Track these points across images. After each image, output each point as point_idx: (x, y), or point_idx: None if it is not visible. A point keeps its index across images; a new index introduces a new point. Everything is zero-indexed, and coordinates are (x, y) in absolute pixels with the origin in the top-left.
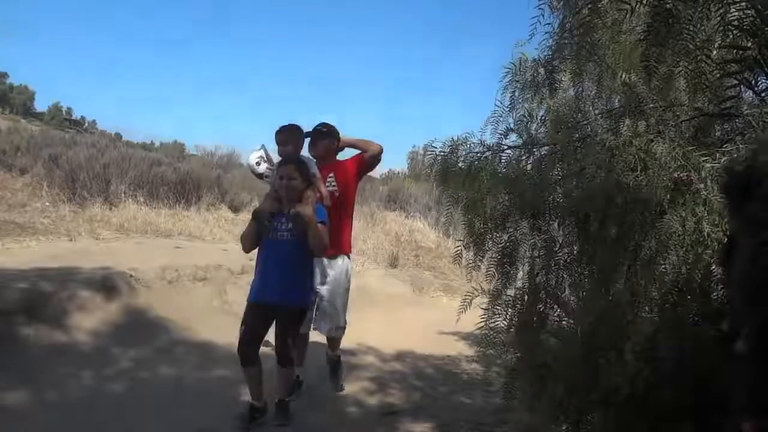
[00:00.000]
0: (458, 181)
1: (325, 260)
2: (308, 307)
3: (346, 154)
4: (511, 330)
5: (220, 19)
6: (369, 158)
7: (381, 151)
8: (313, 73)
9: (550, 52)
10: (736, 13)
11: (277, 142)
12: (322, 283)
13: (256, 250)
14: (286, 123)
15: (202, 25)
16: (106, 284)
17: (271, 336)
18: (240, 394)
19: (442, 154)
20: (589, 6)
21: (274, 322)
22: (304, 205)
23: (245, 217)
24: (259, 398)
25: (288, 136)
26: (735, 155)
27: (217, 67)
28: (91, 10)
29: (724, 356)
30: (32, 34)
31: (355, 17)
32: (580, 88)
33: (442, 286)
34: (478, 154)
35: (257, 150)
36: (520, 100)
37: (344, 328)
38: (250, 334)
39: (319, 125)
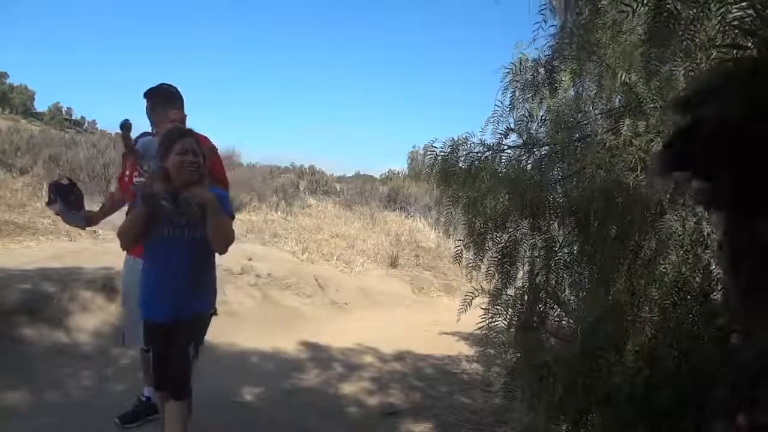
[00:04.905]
0: (458, 181)
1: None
2: (214, 312)
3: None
4: (511, 330)
5: (222, 20)
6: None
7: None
8: (311, 73)
9: (550, 53)
10: (737, 13)
11: (163, 109)
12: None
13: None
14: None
15: (202, 25)
16: (107, 285)
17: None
18: (240, 393)
19: (442, 154)
20: (590, 6)
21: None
22: (200, 187)
23: (245, 217)
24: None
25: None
26: None
27: (217, 68)
28: (93, 10)
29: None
30: (32, 33)
31: (355, 20)
32: (580, 88)
33: (442, 286)
34: (479, 154)
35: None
36: (520, 100)
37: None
38: (160, 357)
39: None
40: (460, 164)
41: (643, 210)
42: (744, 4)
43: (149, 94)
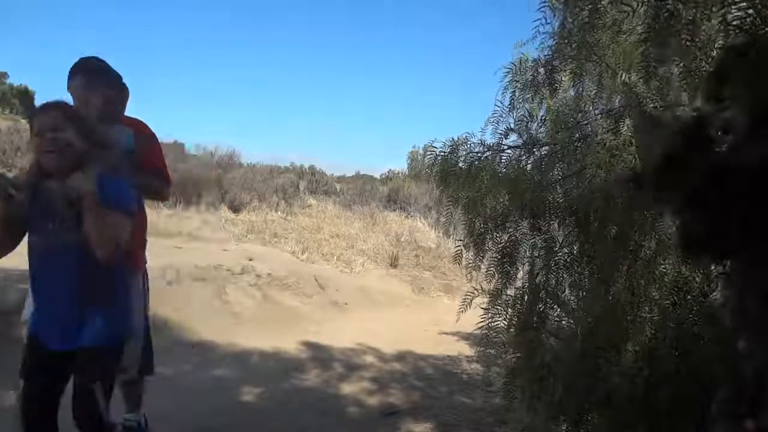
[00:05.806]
0: (458, 181)
1: None
2: (126, 340)
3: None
4: (511, 330)
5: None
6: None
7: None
8: (312, 73)
9: (550, 52)
10: (737, 14)
11: (87, 88)
12: None
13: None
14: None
15: (204, 26)
16: None
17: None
18: (240, 393)
19: (442, 154)
20: (590, 6)
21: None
22: (81, 174)
23: (246, 217)
24: None
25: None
26: None
27: (218, 69)
28: (94, 10)
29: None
30: (33, 33)
31: (356, 20)
32: (580, 88)
33: (442, 286)
34: (479, 154)
35: None
36: (520, 100)
37: (136, 375)
38: (38, 397)
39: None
40: (460, 164)
41: (643, 210)
42: (744, 4)
43: (71, 71)
